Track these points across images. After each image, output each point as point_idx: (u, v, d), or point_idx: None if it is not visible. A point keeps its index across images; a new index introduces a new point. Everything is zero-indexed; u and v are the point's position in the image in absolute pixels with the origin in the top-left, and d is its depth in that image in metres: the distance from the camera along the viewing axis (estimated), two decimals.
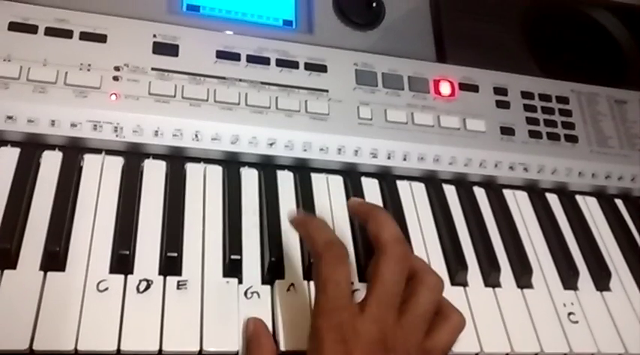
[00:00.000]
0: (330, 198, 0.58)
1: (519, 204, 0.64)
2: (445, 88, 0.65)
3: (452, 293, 0.54)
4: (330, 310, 0.41)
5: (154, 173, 0.54)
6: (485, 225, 0.61)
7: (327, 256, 0.43)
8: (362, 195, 0.59)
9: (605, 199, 0.68)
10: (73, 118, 0.53)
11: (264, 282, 0.50)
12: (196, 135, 0.55)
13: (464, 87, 0.66)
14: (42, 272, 0.46)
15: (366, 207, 0.49)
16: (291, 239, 0.53)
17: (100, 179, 0.53)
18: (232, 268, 0.50)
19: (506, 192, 0.65)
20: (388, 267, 0.43)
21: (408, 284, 0.45)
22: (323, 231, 0.46)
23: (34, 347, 0.42)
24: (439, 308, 0.45)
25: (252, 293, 0.49)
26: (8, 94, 0.52)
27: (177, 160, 0.56)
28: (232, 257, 0.50)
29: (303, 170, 0.59)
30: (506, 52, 0.72)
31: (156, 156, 0.55)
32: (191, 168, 0.56)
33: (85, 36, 0.56)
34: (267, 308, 0.49)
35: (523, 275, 0.57)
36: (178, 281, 0.48)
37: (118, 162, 0.54)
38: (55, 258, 0.46)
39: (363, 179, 0.61)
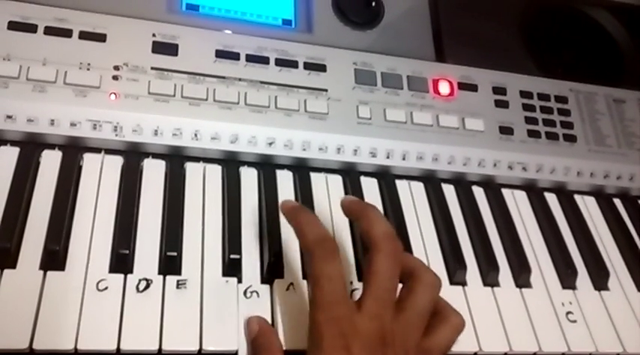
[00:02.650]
0: (330, 198, 0.58)
1: (518, 203, 0.65)
2: (444, 88, 0.65)
3: (450, 293, 0.54)
4: (326, 304, 0.41)
5: (154, 172, 0.54)
6: (483, 224, 0.61)
7: (318, 251, 0.43)
8: (361, 195, 0.59)
9: (603, 198, 0.68)
10: (72, 117, 0.53)
11: (263, 282, 0.50)
12: (196, 135, 0.55)
13: (463, 86, 0.66)
14: (42, 272, 0.46)
15: (358, 206, 0.49)
16: (290, 238, 0.53)
17: (100, 178, 0.53)
18: (232, 267, 0.50)
19: (505, 192, 0.65)
20: (381, 264, 0.43)
21: (405, 282, 0.45)
22: (313, 225, 0.45)
23: (34, 347, 0.42)
24: (438, 309, 0.46)
25: (252, 292, 0.49)
26: (8, 94, 0.52)
27: (176, 159, 0.56)
28: (232, 256, 0.50)
29: (302, 169, 0.59)
30: (505, 52, 0.72)
31: (155, 156, 0.56)
32: (190, 167, 0.56)
33: (85, 35, 0.56)
34: (267, 308, 0.49)
35: (521, 275, 0.58)
36: (178, 281, 0.48)
37: (117, 161, 0.54)
38: (54, 258, 0.46)
39: (362, 178, 0.61)
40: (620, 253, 0.64)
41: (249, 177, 0.57)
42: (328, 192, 0.59)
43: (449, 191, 0.63)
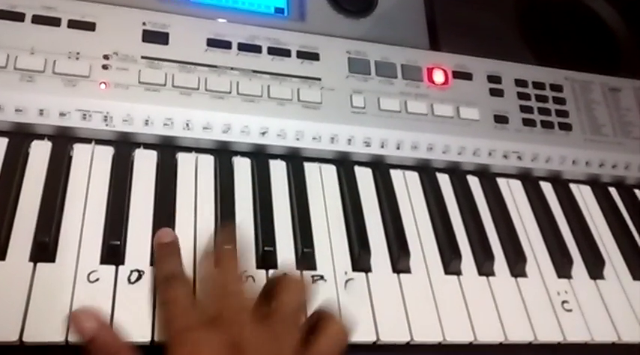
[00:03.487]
0: (323, 188, 0.58)
1: (513, 192, 0.64)
2: (438, 76, 0.65)
3: (446, 282, 0.54)
4: (175, 329, 0.41)
5: (145, 162, 0.54)
6: (478, 213, 0.60)
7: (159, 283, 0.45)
8: (355, 184, 0.58)
9: (598, 187, 0.68)
10: (62, 107, 0.52)
11: (258, 267, 0.50)
12: (187, 125, 0.55)
13: (457, 75, 0.66)
14: (32, 263, 0.45)
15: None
16: (283, 228, 0.53)
17: (90, 169, 0.52)
18: None
19: (500, 181, 0.65)
20: (217, 275, 0.45)
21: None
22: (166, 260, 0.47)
23: (24, 339, 0.42)
24: (321, 317, 0.44)
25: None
26: None
27: (168, 150, 0.55)
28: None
29: (295, 159, 0.58)
30: (500, 40, 0.71)
31: (146, 146, 0.55)
32: (182, 157, 0.55)
33: (74, 24, 0.55)
34: None
35: (517, 264, 0.57)
36: None
37: (108, 151, 0.54)
38: (44, 249, 0.46)
39: (356, 168, 0.60)
40: (616, 242, 0.64)
41: (242, 167, 0.57)
42: (322, 181, 0.58)
43: (444, 180, 0.62)
